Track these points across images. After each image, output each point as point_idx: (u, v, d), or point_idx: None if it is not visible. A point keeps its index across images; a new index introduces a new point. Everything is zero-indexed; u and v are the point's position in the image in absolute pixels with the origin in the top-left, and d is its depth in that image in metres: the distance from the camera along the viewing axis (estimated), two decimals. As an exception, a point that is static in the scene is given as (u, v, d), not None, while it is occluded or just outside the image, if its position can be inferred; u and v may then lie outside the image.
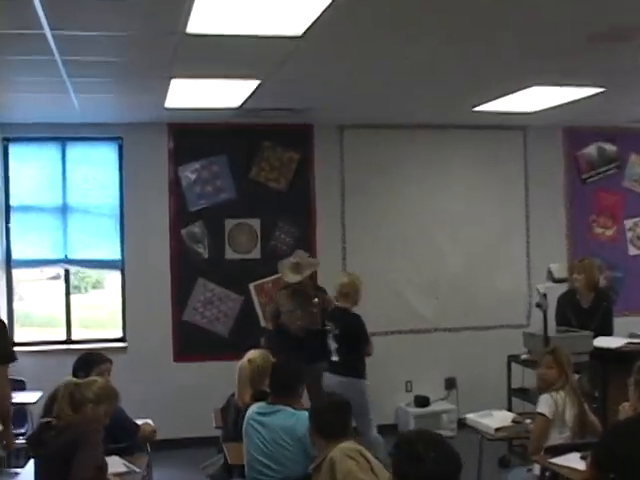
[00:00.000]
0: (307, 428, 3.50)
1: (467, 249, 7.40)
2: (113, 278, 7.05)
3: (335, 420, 3.28)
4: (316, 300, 6.12)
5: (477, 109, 6.33)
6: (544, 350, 4.67)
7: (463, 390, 7.26)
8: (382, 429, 5.75)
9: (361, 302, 5.69)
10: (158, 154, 6.82)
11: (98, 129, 6.63)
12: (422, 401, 7.07)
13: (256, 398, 4.18)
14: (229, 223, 6.92)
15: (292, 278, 6.09)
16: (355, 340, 5.54)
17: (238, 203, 6.94)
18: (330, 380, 5.52)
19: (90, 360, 4.70)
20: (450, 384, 7.35)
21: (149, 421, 4.77)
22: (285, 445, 3.76)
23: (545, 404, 4.18)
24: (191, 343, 6.87)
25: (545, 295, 5.69)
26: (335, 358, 5.61)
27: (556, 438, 4.13)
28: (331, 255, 7.07)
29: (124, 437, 4.31)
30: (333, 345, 5.63)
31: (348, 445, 3.16)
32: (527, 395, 5.88)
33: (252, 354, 4.53)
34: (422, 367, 7.25)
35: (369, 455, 3.15)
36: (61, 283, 6.84)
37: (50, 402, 3.80)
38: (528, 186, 7.55)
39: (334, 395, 3.48)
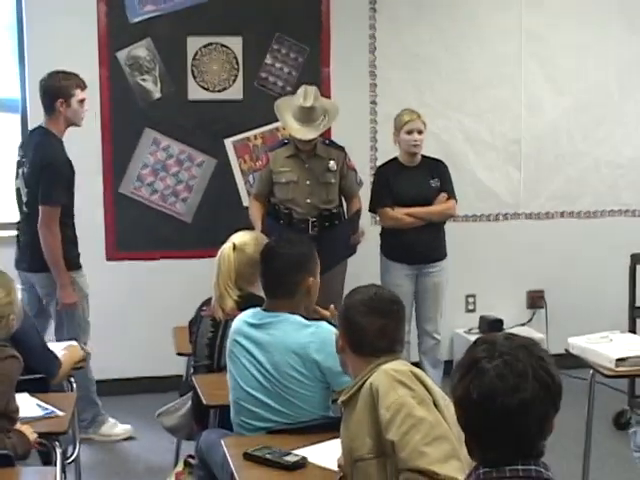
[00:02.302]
0: (330, 343, 3.47)
1: (568, 95, 7.43)
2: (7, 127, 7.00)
3: (378, 326, 3.19)
4: (332, 163, 6.10)
5: None
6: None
7: (555, 310, 7.36)
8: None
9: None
10: None
11: None
12: (492, 325, 7.12)
13: (243, 306, 4.18)
14: (194, 43, 6.92)
15: (303, 133, 6.01)
16: None
17: (208, 11, 6.89)
18: None
19: None
20: (536, 301, 7.45)
21: (74, 342, 4.92)
22: (294, 373, 3.77)
23: None
24: (134, 231, 6.95)
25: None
26: None
27: None
28: (353, 97, 7.07)
29: (36, 365, 4.34)
30: None
31: (397, 366, 3.09)
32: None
33: (240, 238, 4.53)
34: (493, 275, 7.32)
35: (428, 380, 3.08)
36: None
37: None
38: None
39: (376, 287, 3.36)
